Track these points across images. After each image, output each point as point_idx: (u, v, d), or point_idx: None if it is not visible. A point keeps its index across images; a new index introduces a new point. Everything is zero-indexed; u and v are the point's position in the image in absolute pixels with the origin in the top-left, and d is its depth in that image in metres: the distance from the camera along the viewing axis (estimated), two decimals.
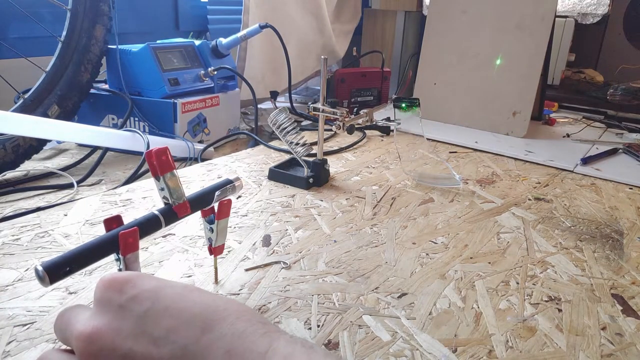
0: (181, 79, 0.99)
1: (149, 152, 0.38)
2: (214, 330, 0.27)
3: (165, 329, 0.27)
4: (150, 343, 0.26)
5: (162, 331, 0.27)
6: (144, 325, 0.27)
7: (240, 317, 0.28)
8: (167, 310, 0.27)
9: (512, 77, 1.15)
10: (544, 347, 0.43)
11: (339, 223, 0.66)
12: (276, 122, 0.74)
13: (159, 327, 0.27)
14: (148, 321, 0.27)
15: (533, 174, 0.90)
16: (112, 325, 0.27)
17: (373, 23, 1.70)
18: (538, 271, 0.56)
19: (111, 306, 0.28)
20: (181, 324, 0.27)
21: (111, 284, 0.29)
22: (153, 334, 0.27)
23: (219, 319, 0.27)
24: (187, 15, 1.37)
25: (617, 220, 0.71)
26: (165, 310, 0.27)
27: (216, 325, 0.27)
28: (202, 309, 0.28)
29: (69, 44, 0.89)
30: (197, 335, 0.26)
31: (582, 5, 1.58)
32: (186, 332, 0.27)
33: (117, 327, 0.27)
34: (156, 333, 0.27)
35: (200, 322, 0.27)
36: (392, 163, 0.92)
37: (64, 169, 0.84)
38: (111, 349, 0.26)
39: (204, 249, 0.57)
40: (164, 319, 0.27)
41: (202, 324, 0.27)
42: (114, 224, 0.37)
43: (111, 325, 0.27)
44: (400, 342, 0.43)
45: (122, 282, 0.29)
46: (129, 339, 0.27)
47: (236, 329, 0.27)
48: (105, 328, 0.27)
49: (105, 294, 0.28)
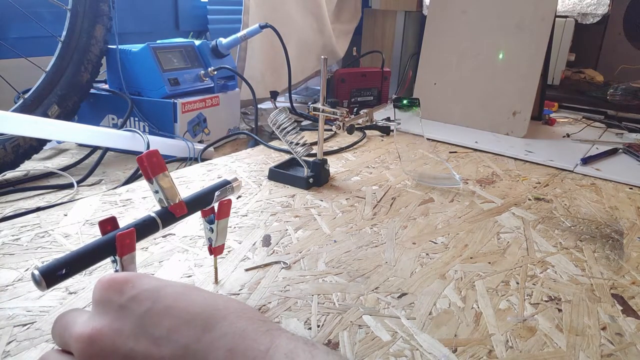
0: (181, 79, 0.99)
1: (140, 157, 0.39)
2: (215, 329, 0.27)
3: (166, 328, 0.27)
4: (151, 343, 0.26)
5: (163, 331, 0.26)
6: (144, 325, 0.27)
7: (241, 316, 0.28)
8: (168, 310, 0.27)
9: (512, 77, 1.15)
10: (544, 347, 0.43)
11: (339, 223, 0.66)
12: (276, 122, 0.74)
13: (159, 327, 0.27)
14: (148, 321, 0.27)
15: (533, 174, 0.90)
16: (113, 326, 0.27)
17: (373, 23, 1.70)
18: (538, 271, 0.56)
19: (111, 307, 0.28)
20: (182, 324, 0.27)
21: (110, 285, 0.28)
22: (154, 333, 0.26)
23: (219, 317, 0.27)
24: (187, 15, 1.38)
25: (617, 220, 0.71)
26: (166, 309, 0.27)
27: (217, 324, 0.27)
28: (202, 308, 0.28)
29: (69, 44, 0.89)
30: (198, 334, 0.26)
31: (582, 5, 1.58)
32: (187, 332, 0.26)
33: (118, 328, 0.27)
34: (157, 333, 0.26)
35: (201, 321, 0.27)
36: (392, 163, 0.92)
37: (64, 169, 0.84)
38: (112, 349, 0.26)
39: (204, 249, 0.57)
40: (164, 318, 0.27)
41: (202, 323, 0.27)
42: (109, 225, 0.37)
43: (111, 326, 0.27)
44: (400, 342, 0.43)
45: (122, 283, 0.28)
46: (129, 339, 0.26)
47: (237, 328, 0.27)
48: (106, 329, 0.27)
49: (105, 295, 0.28)
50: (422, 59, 1.30)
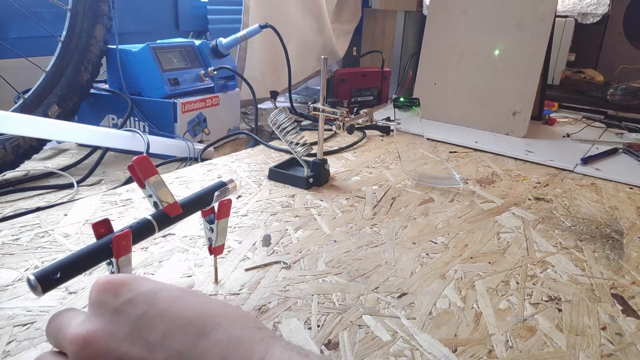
0: (181, 79, 0.99)
1: (130, 165, 0.39)
2: (210, 336, 0.26)
3: (160, 333, 0.26)
4: (145, 348, 0.26)
5: (158, 336, 0.26)
6: (139, 330, 0.27)
7: (236, 323, 0.27)
8: (163, 315, 0.27)
9: (512, 77, 1.15)
10: (544, 347, 0.43)
11: (339, 223, 0.66)
12: (276, 122, 0.74)
13: (154, 332, 0.26)
14: (144, 325, 0.27)
15: (533, 174, 0.90)
16: (107, 329, 0.27)
17: (373, 23, 1.70)
18: (538, 271, 0.56)
19: (106, 309, 0.28)
20: (176, 329, 0.27)
21: (106, 287, 0.28)
22: (148, 338, 0.26)
23: (214, 324, 0.27)
24: (187, 15, 1.38)
25: (617, 220, 0.71)
26: (161, 314, 0.27)
27: (212, 330, 0.27)
28: (197, 314, 0.27)
29: (69, 43, 0.89)
30: (192, 341, 0.26)
31: (582, 5, 1.58)
32: (181, 338, 0.26)
33: (112, 331, 0.27)
34: (151, 338, 0.26)
35: (195, 327, 0.27)
36: (392, 163, 0.92)
37: (64, 169, 0.84)
38: (106, 352, 0.26)
39: (204, 249, 0.57)
40: (159, 323, 0.27)
41: (197, 329, 0.27)
42: (102, 228, 0.37)
43: (106, 329, 0.27)
44: (400, 342, 0.43)
45: (118, 285, 0.28)
46: (124, 343, 0.26)
47: (232, 335, 0.27)
48: (100, 331, 0.27)
49: (101, 297, 0.28)
50: (422, 59, 1.30)
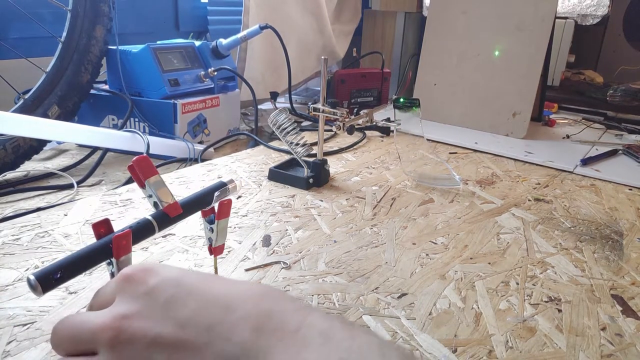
0: (181, 80, 0.99)
1: (130, 165, 0.39)
2: (238, 310, 0.27)
3: (190, 311, 0.27)
4: (176, 326, 0.27)
5: (187, 314, 0.27)
6: (169, 310, 0.27)
7: (265, 297, 0.28)
8: (191, 295, 0.28)
9: (512, 77, 1.15)
10: (544, 348, 0.43)
11: (339, 223, 0.66)
12: (276, 122, 0.74)
13: (184, 310, 0.27)
14: (172, 305, 0.27)
15: (533, 175, 0.90)
16: (140, 312, 0.28)
17: (373, 24, 1.70)
18: (538, 272, 0.56)
19: (136, 294, 0.28)
20: (204, 305, 0.27)
21: (133, 276, 0.29)
22: (179, 318, 0.27)
23: (242, 299, 0.27)
24: (187, 16, 1.38)
25: (617, 221, 0.71)
26: (189, 293, 0.28)
27: (240, 304, 0.27)
28: (224, 291, 0.28)
29: (69, 44, 0.89)
30: (221, 315, 0.27)
31: (582, 7, 1.58)
32: (210, 313, 0.27)
33: (145, 314, 0.27)
34: (181, 316, 0.27)
35: (223, 303, 0.27)
36: (392, 163, 0.92)
37: (64, 170, 0.84)
38: (141, 335, 0.27)
39: (204, 249, 0.57)
40: (188, 302, 0.27)
41: (224, 304, 0.27)
42: (102, 228, 0.37)
43: (139, 313, 0.28)
44: (400, 342, 0.43)
45: (145, 272, 0.29)
46: (157, 324, 0.27)
47: (261, 308, 0.27)
48: (134, 315, 0.27)
49: (129, 285, 0.29)
50: (422, 60, 1.30)
